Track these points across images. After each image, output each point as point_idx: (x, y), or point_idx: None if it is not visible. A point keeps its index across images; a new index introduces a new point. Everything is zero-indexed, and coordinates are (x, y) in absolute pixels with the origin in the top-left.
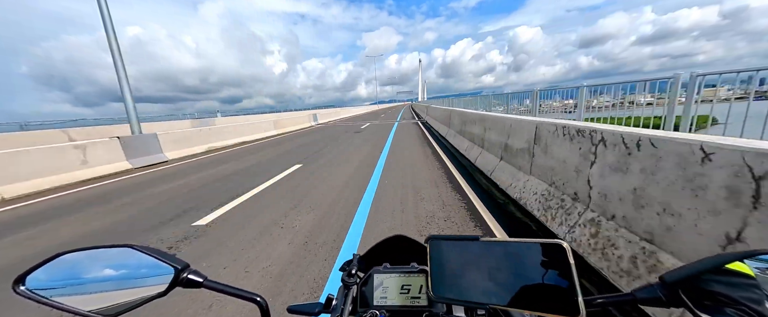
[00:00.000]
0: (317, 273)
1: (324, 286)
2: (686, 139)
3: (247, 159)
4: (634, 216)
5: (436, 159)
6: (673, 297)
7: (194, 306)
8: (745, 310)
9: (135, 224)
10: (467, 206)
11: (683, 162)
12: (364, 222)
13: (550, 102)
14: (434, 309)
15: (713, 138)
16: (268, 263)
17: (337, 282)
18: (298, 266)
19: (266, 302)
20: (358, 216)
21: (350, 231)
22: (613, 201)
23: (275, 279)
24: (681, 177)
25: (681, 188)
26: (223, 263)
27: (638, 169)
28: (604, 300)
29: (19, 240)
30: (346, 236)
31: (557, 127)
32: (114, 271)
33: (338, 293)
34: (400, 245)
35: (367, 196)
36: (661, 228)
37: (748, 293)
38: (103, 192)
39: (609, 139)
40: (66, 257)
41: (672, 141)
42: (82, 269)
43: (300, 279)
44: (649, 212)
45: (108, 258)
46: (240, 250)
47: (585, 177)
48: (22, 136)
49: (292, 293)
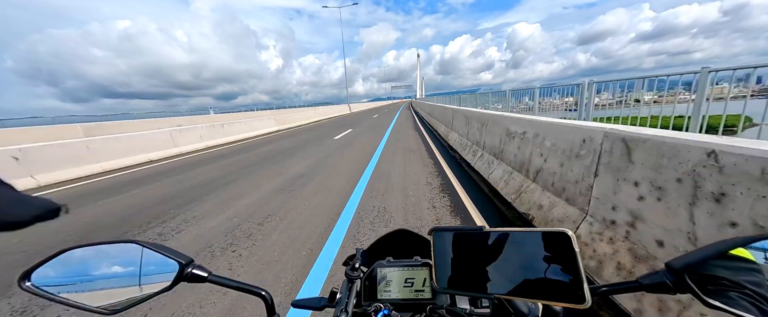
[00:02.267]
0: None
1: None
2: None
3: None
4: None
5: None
6: (679, 283)
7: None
8: (747, 293)
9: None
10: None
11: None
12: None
13: (550, 99)
14: (438, 302)
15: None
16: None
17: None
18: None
19: (271, 295)
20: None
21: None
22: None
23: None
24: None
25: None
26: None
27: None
28: (609, 288)
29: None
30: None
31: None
32: (119, 267)
33: (342, 287)
34: (402, 239)
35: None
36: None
37: (750, 277)
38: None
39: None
40: (71, 253)
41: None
42: (87, 264)
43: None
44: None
45: (113, 254)
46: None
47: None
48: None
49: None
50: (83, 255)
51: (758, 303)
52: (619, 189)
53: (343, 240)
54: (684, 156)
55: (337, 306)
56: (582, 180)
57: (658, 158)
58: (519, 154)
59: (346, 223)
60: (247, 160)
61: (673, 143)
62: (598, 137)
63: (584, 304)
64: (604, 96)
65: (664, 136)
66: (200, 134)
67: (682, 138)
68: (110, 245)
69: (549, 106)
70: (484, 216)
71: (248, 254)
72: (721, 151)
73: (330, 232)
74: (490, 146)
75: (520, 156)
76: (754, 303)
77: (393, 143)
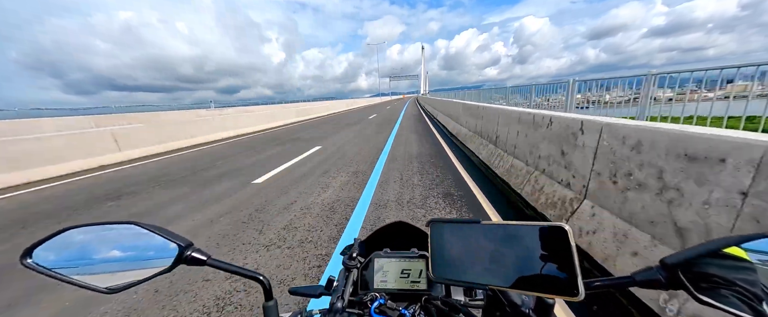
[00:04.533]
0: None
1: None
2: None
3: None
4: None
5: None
6: (672, 279)
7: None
8: (739, 291)
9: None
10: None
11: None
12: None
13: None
14: (433, 293)
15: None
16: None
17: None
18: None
19: (269, 281)
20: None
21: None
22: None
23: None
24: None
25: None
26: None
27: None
28: (603, 282)
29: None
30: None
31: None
32: (119, 247)
33: (339, 276)
34: (400, 231)
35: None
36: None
37: (743, 275)
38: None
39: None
40: (72, 232)
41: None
42: (88, 244)
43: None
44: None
45: (113, 234)
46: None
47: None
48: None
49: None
50: (84, 235)
51: (750, 301)
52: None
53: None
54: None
55: (333, 293)
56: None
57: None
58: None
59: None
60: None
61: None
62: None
63: (578, 297)
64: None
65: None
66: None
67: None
68: (111, 225)
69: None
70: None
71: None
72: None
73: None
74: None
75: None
76: (746, 301)
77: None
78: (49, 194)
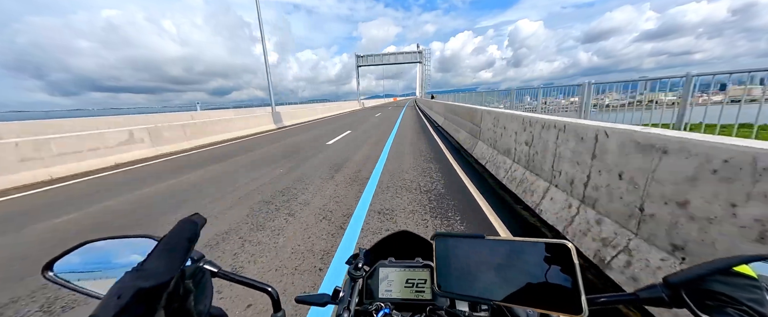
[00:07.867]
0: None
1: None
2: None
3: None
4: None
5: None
6: (676, 298)
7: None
8: (746, 310)
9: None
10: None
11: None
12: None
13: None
14: (438, 303)
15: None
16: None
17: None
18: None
19: (277, 292)
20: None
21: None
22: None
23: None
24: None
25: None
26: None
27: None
28: (607, 299)
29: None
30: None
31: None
32: (136, 259)
33: (344, 285)
34: (405, 240)
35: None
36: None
37: (749, 294)
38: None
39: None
40: (90, 245)
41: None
42: (105, 257)
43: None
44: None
45: (130, 247)
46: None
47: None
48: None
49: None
50: (102, 248)
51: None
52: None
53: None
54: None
55: (339, 303)
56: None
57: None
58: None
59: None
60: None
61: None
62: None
63: (582, 315)
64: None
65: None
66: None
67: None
68: (127, 239)
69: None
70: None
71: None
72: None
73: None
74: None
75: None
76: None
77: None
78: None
